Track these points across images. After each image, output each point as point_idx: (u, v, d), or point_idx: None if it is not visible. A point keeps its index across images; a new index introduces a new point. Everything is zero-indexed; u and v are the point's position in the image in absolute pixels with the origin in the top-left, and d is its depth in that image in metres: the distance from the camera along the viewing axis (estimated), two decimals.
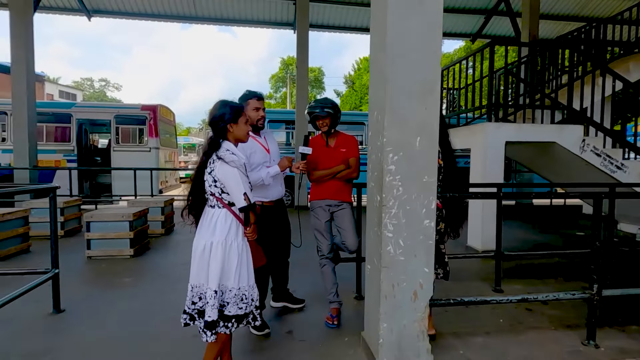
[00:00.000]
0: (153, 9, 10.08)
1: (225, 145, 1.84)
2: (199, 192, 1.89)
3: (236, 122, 1.89)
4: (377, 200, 2.09)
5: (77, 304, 3.06)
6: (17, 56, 7.66)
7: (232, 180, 1.78)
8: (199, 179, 1.87)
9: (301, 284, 3.49)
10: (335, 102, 2.93)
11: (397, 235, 2.02)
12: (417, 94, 1.98)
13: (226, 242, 1.80)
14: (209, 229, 1.83)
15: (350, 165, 2.87)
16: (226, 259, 1.80)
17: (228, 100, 1.95)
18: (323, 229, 2.82)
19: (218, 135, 1.88)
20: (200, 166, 1.88)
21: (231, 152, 1.81)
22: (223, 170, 1.80)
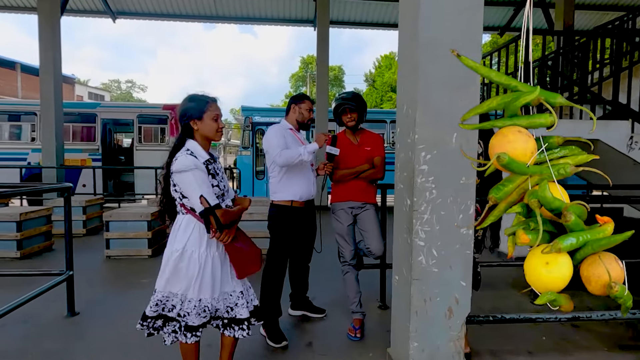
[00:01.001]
0: (175, 10, 10.15)
1: (188, 145, 1.67)
2: (169, 196, 1.74)
3: (200, 118, 1.69)
4: (406, 204, 1.87)
5: (93, 306, 2.99)
6: (45, 58, 7.84)
7: (187, 182, 1.60)
8: (166, 179, 1.72)
9: (321, 291, 3.30)
10: (362, 95, 2.73)
11: (429, 243, 1.80)
12: (454, 86, 1.75)
13: (184, 252, 1.65)
14: (172, 236, 1.70)
15: (375, 164, 2.66)
16: (184, 270, 1.66)
17: (196, 94, 1.74)
18: (345, 233, 2.62)
19: (184, 134, 1.70)
20: (166, 167, 1.71)
21: (190, 152, 1.63)
22: (177, 172, 1.62)
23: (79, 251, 4.68)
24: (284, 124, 2.60)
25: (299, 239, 2.62)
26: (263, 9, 10.17)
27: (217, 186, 1.71)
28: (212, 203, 1.60)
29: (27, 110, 8.98)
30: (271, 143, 2.45)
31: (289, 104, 2.65)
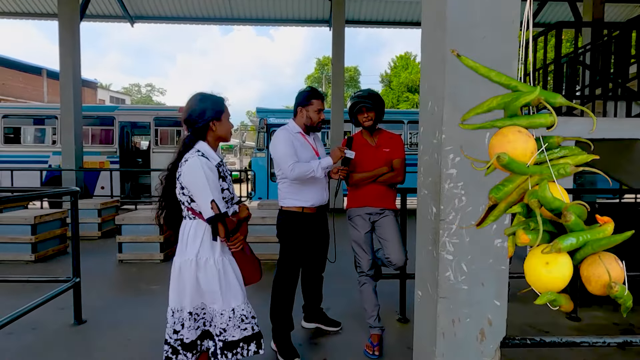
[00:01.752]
0: (191, 13, 10.22)
1: (198, 146, 1.56)
2: (171, 199, 1.60)
3: (219, 119, 1.61)
4: (431, 212, 1.67)
5: (100, 313, 2.91)
6: (65, 63, 7.99)
7: (198, 184, 1.48)
8: (170, 183, 1.59)
9: (337, 301, 3.12)
10: (379, 94, 2.54)
11: (459, 257, 1.59)
12: (484, 81, 1.54)
13: (199, 260, 1.52)
14: (181, 244, 1.56)
15: (395, 167, 2.46)
16: (203, 279, 1.52)
17: (207, 93, 1.64)
18: (363, 242, 2.43)
19: (196, 135, 1.59)
20: (171, 168, 1.60)
21: (202, 153, 1.52)
22: (188, 174, 1.49)
23: (92, 254, 4.68)
24: (292, 126, 2.39)
25: (311, 247, 2.45)
26: (278, 10, 10.11)
27: (227, 189, 1.60)
28: (222, 209, 1.48)
29: (49, 114, 9.17)
30: (280, 152, 2.26)
31: (295, 105, 2.43)
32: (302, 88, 2.42)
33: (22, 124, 9.16)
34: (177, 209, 1.61)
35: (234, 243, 1.56)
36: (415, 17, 10.26)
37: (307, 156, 2.31)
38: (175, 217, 1.63)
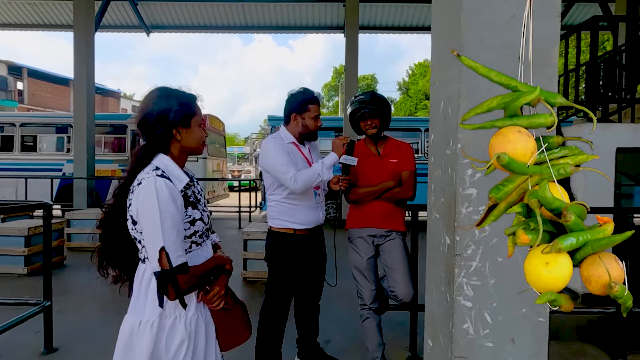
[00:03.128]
0: (207, 22, 10.19)
1: (157, 161, 1.14)
2: (119, 234, 1.17)
3: (187, 124, 1.18)
4: (444, 243, 1.30)
5: (79, 339, 2.64)
6: (79, 72, 8.03)
7: (147, 220, 1.07)
8: (116, 213, 1.17)
9: (336, 332, 2.74)
10: (384, 96, 2.20)
11: (480, 305, 1.21)
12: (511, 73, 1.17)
13: (162, 321, 1.11)
14: (137, 297, 1.14)
15: (403, 180, 2.10)
16: (163, 349, 1.10)
17: (172, 88, 1.22)
18: (365, 269, 2.07)
19: (155, 146, 1.16)
20: (118, 194, 1.19)
21: (162, 172, 1.11)
22: (139, 203, 1.08)
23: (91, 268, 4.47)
24: (284, 135, 2.06)
25: (305, 272, 2.10)
26: (292, 17, 9.95)
27: (200, 219, 1.18)
28: (174, 262, 1.05)
29: (64, 122, 9.26)
30: (274, 163, 1.94)
31: (286, 110, 2.07)
32: (293, 89, 2.09)
33: (38, 132, 9.28)
34: (129, 248, 1.20)
35: (212, 301, 1.17)
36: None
37: (301, 169, 1.98)
38: (126, 258, 1.22)
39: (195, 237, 1.18)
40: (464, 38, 1.20)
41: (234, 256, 1.33)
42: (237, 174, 20.25)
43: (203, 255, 1.22)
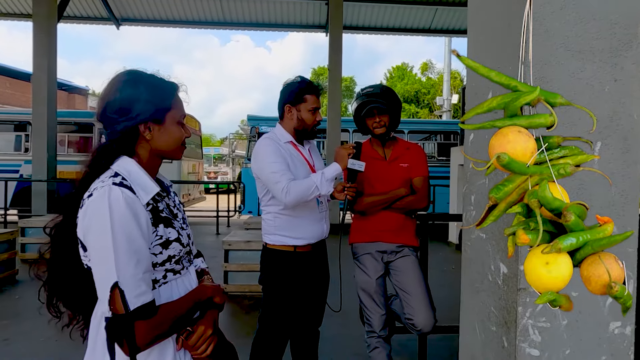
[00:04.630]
0: (182, 16, 9.66)
1: (117, 166, 0.86)
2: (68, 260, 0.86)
3: (160, 120, 0.89)
4: (496, 271, 1.04)
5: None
6: (39, 65, 7.38)
7: (97, 245, 0.79)
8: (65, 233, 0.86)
9: (331, 352, 2.45)
10: (394, 91, 1.93)
11: (550, 353, 0.95)
12: (594, 53, 0.93)
13: None
14: (94, 348, 0.83)
15: (416, 188, 1.84)
16: None
17: (143, 72, 0.92)
18: (374, 291, 1.79)
19: (116, 145, 0.87)
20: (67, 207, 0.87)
21: (121, 179, 0.83)
22: (87, 222, 0.79)
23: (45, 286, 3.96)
24: (280, 133, 1.74)
25: (305, 295, 1.79)
26: (273, 15, 9.62)
27: (177, 240, 0.89)
28: (132, 304, 0.75)
29: (21, 119, 8.48)
30: (266, 168, 1.61)
31: (281, 103, 1.75)
32: (289, 79, 1.77)
33: None
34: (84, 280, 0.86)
35: (196, 347, 0.86)
36: (415, 24, 9.84)
37: (301, 174, 1.67)
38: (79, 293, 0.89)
39: (171, 264, 0.88)
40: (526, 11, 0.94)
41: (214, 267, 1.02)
42: (214, 175, 19.57)
43: (184, 286, 0.92)
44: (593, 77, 0.91)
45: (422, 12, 9.52)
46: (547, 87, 0.93)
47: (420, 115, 26.78)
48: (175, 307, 0.84)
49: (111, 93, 0.88)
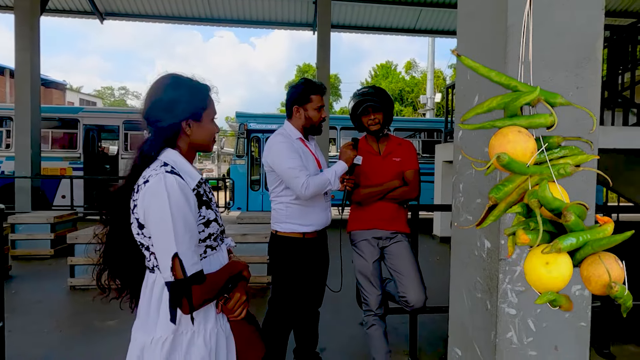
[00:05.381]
0: (168, 11, 9.59)
1: (164, 157, 0.99)
2: (123, 240, 1.01)
3: (199, 118, 1.04)
4: (482, 247, 1.22)
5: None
6: (21, 59, 7.21)
7: (157, 223, 0.91)
8: (119, 215, 1.00)
9: (332, 339, 2.62)
10: (386, 91, 2.10)
11: (524, 312, 1.14)
12: (562, 64, 1.12)
13: (177, 338, 0.95)
14: (145, 312, 0.98)
15: (408, 180, 2.02)
16: None
17: (183, 76, 1.06)
18: (370, 273, 1.96)
19: (161, 140, 1.00)
20: (120, 193, 1.01)
21: (171, 168, 0.96)
22: (147, 204, 0.92)
23: (41, 278, 3.98)
24: (290, 130, 1.90)
25: (309, 278, 1.95)
26: (260, 12, 9.65)
27: (215, 220, 1.03)
28: (189, 271, 0.90)
29: (2, 114, 8.27)
30: (285, 165, 1.76)
31: (289, 104, 1.91)
32: (293, 80, 1.94)
33: None
34: (134, 255, 1.02)
35: (234, 309, 1.02)
36: (401, 24, 10.08)
37: (310, 168, 1.84)
38: (130, 268, 1.05)
39: (210, 241, 1.03)
40: (510, 28, 1.12)
41: None
42: None
43: (219, 260, 1.06)
44: (560, 84, 1.10)
45: (407, 13, 9.76)
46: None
47: (405, 113, 27.21)
48: (217, 277, 1.00)
49: (157, 94, 1.02)
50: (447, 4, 9.42)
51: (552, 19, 1.11)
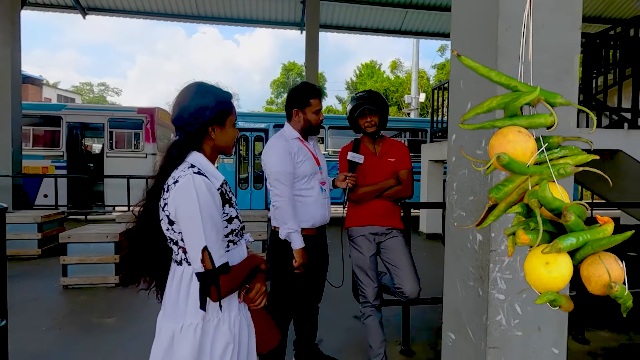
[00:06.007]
0: (153, 8, 9.45)
1: (192, 159, 1.09)
2: (152, 236, 1.09)
3: (222, 123, 1.14)
4: (475, 240, 1.36)
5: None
6: (1, 54, 7.00)
7: (187, 219, 1.01)
8: (149, 213, 1.09)
9: (329, 332, 2.73)
10: (382, 95, 2.22)
11: (512, 297, 1.28)
12: (544, 77, 1.26)
13: (205, 324, 1.05)
14: (175, 301, 1.06)
15: (402, 179, 2.15)
16: (207, 354, 1.04)
17: (208, 84, 1.17)
18: (368, 267, 2.08)
19: (189, 143, 1.10)
20: (151, 193, 1.10)
21: (198, 169, 1.06)
22: (178, 203, 1.01)
23: (30, 278, 3.94)
24: (289, 131, 2.01)
25: (308, 274, 2.06)
26: (248, 10, 9.64)
27: (236, 217, 1.14)
28: (217, 262, 1.00)
29: None
30: (271, 172, 1.91)
31: (289, 107, 2.03)
32: (292, 83, 2.06)
33: None
34: (162, 250, 1.12)
35: (255, 299, 1.12)
36: (387, 25, 10.26)
37: (308, 167, 1.94)
38: (158, 262, 1.13)
39: (232, 236, 1.13)
40: (501, 43, 1.25)
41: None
42: None
43: (239, 254, 1.16)
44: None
45: (394, 14, 9.94)
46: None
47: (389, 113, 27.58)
48: (240, 269, 1.09)
49: (186, 101, 1.11)
50: (431, 7, 9.66)
51: (534, 38, 1.25)
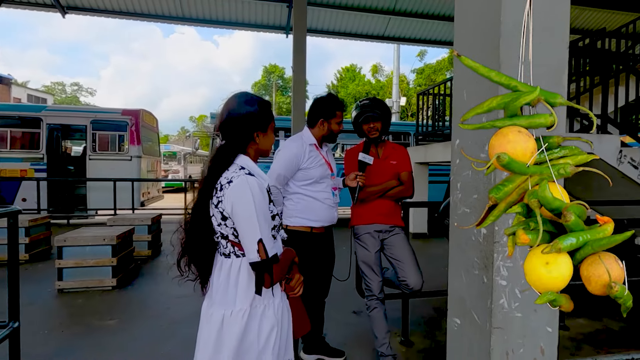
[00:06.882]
0: (136, 8, 9.33)
1: (240, 162, 1.21)
2: (203, 231, 1.20)
3: (265, 130, 1.27)
4: (480, 233, 1.52)
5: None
6: None
7: (244, 215, 1.13)
8: (201, 211, 1.20)
9: (334, 326, 2.86)
10: (384, 102, 2.38)
11: (512, 283, 1.46)
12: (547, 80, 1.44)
13: (253, 310, 1.17)
14: (224, 290, 1.18)
15: (403, 180, 2.31)
16: (253, 336, 1.16)
17: (252, 93, 1.30)
18: (373, 262, 2.23)
19: (236, 147, 1.22)
20: (202, 192, 1.20)
21: (248, 171, 1.18)
22: (234, 201, 1.13)
23: (22, 283, 3.82)
24: (307, 136, 2.16)
25: (316, 270, 2.18)
26: (234, 13, 9.67)
27: (277, 215, 1.27)
28: (270, 253, 1.13)
29: None
30: (275, 164, 2.07)
31: (314, 115, 2.17)
32: (318, 94, 2.20)
33: None
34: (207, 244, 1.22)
35: (294, 287, 1.25)
36: (371, 30, 10.53)
37: (320, 172, 2.09)
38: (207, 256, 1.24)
39: (273, 231, 1.25)
40: (502, 55, 1.43)
41: None
42: (164, 174, 18.86)
43: (278, 248, 1.28)
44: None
45: (377, 20, 10.22)
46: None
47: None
48: (284, 260, 1.22)
49: (235, 108, 1.22)
50: (412, 14, 10.01)
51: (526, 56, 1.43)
